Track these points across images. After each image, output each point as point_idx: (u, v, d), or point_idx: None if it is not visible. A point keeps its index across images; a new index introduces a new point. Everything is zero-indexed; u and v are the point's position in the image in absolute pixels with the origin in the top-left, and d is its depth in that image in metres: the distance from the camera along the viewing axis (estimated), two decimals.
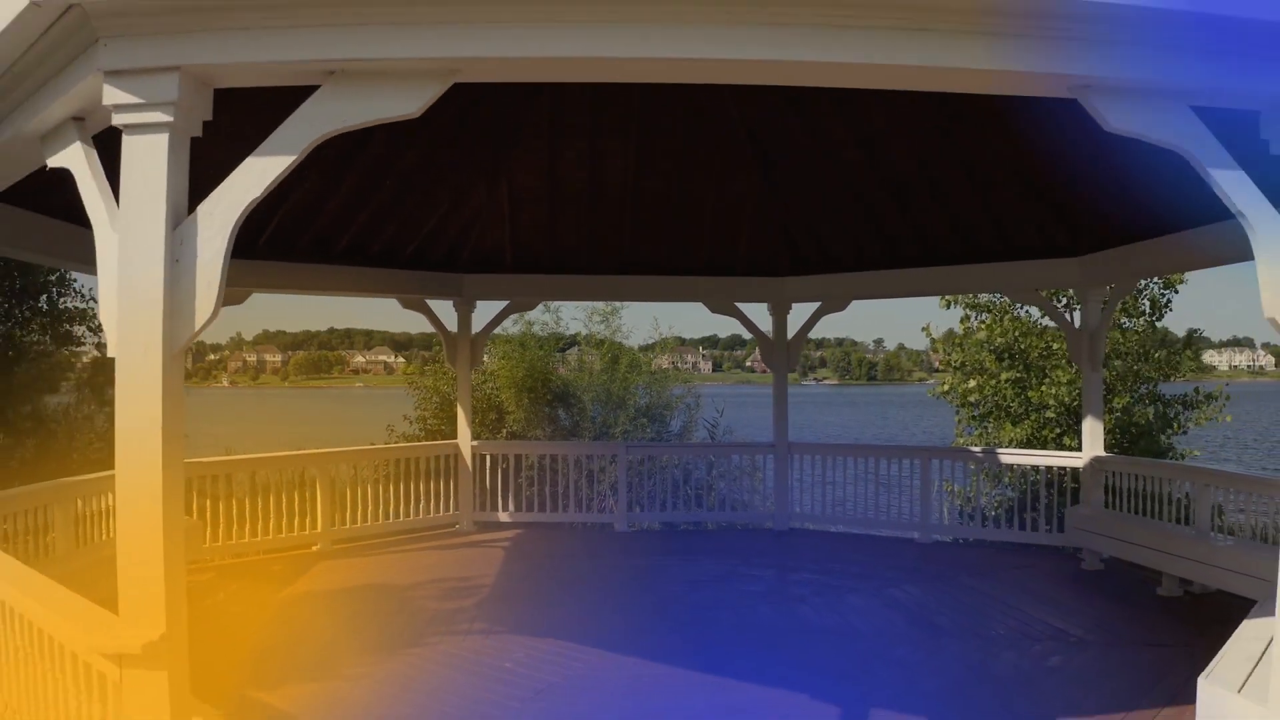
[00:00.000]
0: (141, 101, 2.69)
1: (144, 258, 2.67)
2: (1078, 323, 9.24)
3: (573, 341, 18.85)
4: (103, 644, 2.79)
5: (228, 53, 2.70)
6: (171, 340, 2.70)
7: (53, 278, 13.56)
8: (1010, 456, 9.96)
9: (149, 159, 2.68)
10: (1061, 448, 12.13)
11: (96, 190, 2.89)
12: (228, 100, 2.92)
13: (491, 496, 10.30)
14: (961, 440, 14.26)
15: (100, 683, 2.97)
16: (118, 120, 2.71)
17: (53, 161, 3.19)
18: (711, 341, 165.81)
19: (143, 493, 2.72)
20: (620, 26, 2.67)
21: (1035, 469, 9.68)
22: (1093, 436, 8.88)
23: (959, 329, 14.66)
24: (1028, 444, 12.97)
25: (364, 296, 10.11)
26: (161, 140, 2.69)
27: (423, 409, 14.36)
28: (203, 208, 2.72)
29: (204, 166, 2.95)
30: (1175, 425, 13.80)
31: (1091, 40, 2.82)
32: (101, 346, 14.48)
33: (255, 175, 2.73)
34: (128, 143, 2.71)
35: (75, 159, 3.04)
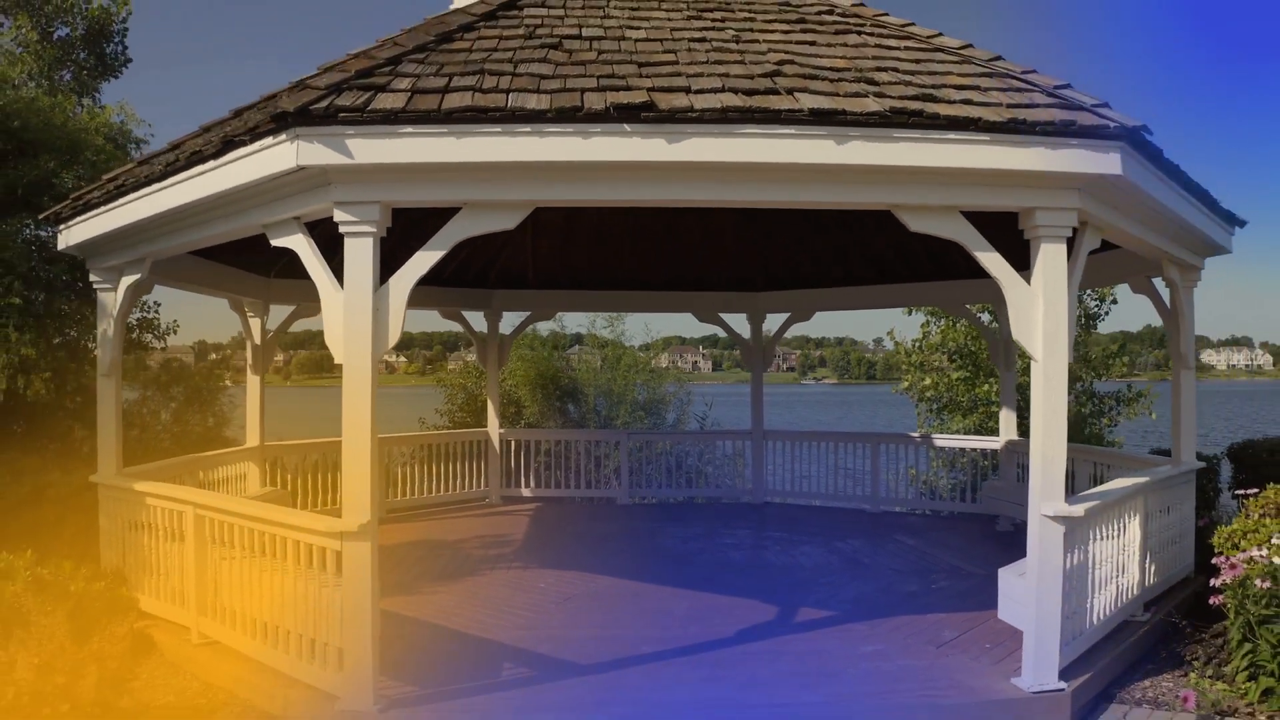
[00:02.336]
0: (356, 220, 4.70)
1: (359, 309, 4.69)
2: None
3: (576, 340, 20.98)
4: (333, 527, 4.84)
5: (407, 194, 4.72)
6: (375, 355, 4.72)
7: None
8: (944, 440, 12.00)
9: (361, 252, 4.70)
10: None
11: (319, 265, 4.91)
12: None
13: (515, 475, 12.37)
14: (921, 430, 16.30)
15: (321, 555, 5.01)
16: (342, 229, 4.71)
17: (278, 242, 5.20)
18: (711, 341, 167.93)
19: (358, 439, 4.73)
20: (625, 182, 4.73)
21: (983, 453, 11.67)
22: (1007, 424, 10.93)
23: (919, 333, 16.74)
24: (977, 432, 15.01)
25: (409, 309, 12.10)
26: (368, 242, 4.71)
27: (450, 403, 16.41)
28: (392, 280, 4.74)
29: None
30: (1106, 419, 15.86)
31: (895, 184, 4.86)
32: (165, 349, 16.50)
33: (421, 261, 4.76)
34: (348, 243, 4.72)
35: (299, 244, 5.05)
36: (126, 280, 7.08)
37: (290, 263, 9.33)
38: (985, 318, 15.30)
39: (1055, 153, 4.85)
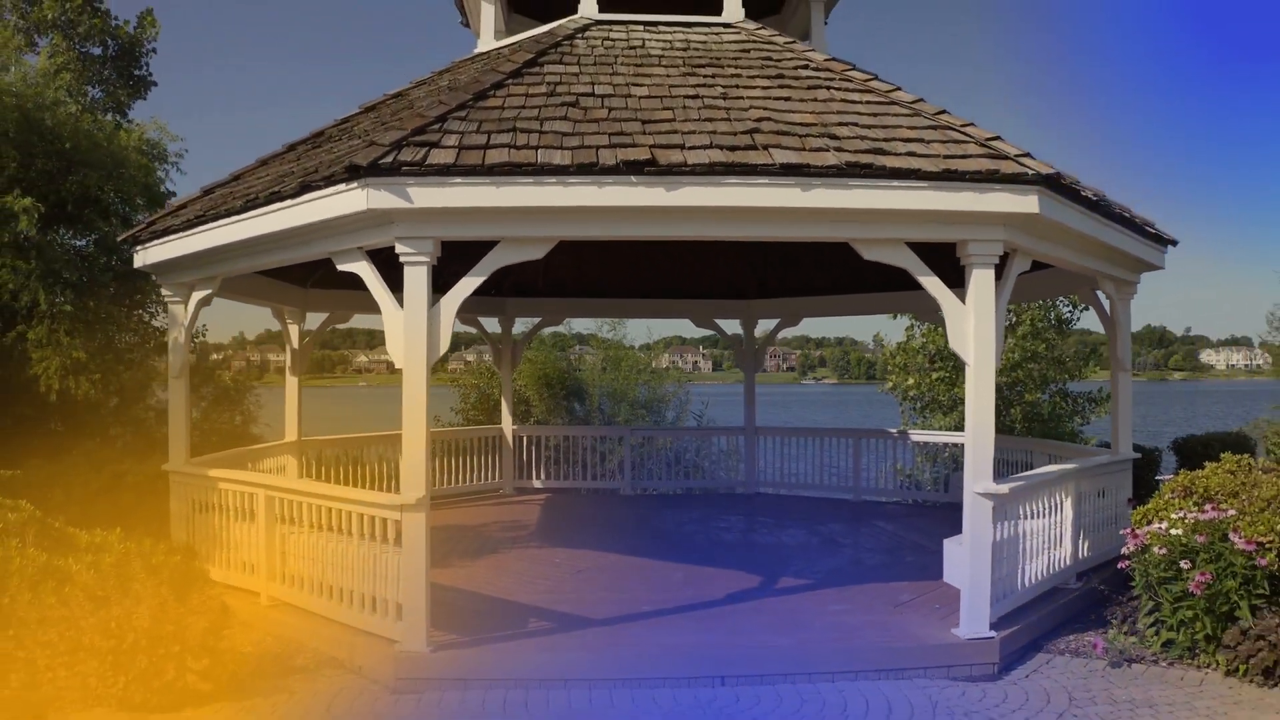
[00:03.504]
0: (414, 252, 5.80)
1: (416, 324, 5.79)
2: None
3: (579, 341, 22.13)
4: (394, 500, 5.94)
5: (455, 231, 5.81)
6: (429, 362, 5.82)
7: (154, 295, 16.50)
8: (919, 435, 13.10)
9: (418, 278, 5.80)
10: None
11: (382, 288, 5.99)
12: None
13: (527, 468, 13.47)
14: (905, 428, 17.40)
15: (383, 526, 6.11)
16: (402, 260, 5.79)
17: (344, 268, 6.28)
18: (711, 341, 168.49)
19: (415, 427, 5.82)
20: (631, 222, 5.84)
21: (959, 447, 12.71)
22: None
23: (904, 336, 17.84)
24: (958, 428, 16.11)
25: None
26: (424, 270, 5.81)
27: (464, 401, 17.51)
28: (444, 299, 5.84)
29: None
30: (1078, 417, 16.97)
31: (852, 222, 5.97)
32: (196, 351, 17.55)
33: (466, 285, 5.84)
34: (407, 271, 5.80)
35: (363, 269, 6.14)
36: (197, 295, 8.17)
37: (325, 275, 10.53)
38: None
39: (982, 196, 5.95)
